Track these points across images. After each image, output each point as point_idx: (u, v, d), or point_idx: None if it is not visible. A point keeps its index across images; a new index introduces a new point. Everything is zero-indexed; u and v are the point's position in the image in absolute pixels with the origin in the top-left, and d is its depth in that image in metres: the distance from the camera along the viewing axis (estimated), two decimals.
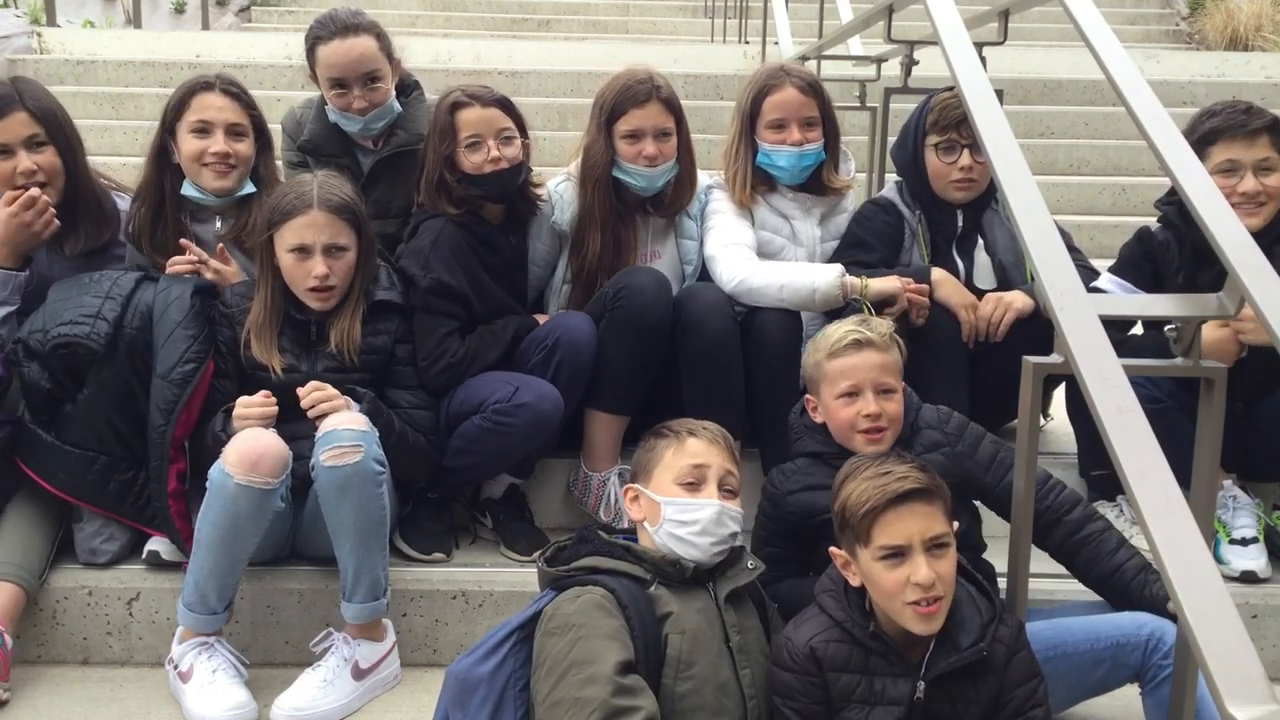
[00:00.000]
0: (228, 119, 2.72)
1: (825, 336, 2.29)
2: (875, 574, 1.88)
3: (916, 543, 1.85)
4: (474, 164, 2.74)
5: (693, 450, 2.10)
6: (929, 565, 1.83)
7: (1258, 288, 1.75)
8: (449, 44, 7.56)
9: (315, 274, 2.51)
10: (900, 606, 1.85)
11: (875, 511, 1.87)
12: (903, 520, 1.86)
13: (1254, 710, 1.19)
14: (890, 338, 2.27)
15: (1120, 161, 6.10)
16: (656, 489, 2.09)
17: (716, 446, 2.12)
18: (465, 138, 2.73)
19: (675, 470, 2.08)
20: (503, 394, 2.58)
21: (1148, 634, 2.02)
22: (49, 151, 2.68)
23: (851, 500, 1.91)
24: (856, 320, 2.31)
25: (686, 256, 2.99)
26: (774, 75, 2.93)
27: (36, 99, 2.67)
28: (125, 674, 2.50)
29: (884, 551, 1.86)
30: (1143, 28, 9.63)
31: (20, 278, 2.64)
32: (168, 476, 2.46)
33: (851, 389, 2.20)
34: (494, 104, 2.77)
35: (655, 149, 2.81)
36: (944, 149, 2.87)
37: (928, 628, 1.85)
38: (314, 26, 2.98)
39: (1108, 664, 2.04)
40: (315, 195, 2.53)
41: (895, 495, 1.86)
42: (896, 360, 2.26)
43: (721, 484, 2.08)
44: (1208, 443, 1.85)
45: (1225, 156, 2.59)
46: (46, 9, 8.00)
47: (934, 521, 1.87)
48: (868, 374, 2.20)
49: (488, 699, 1.95)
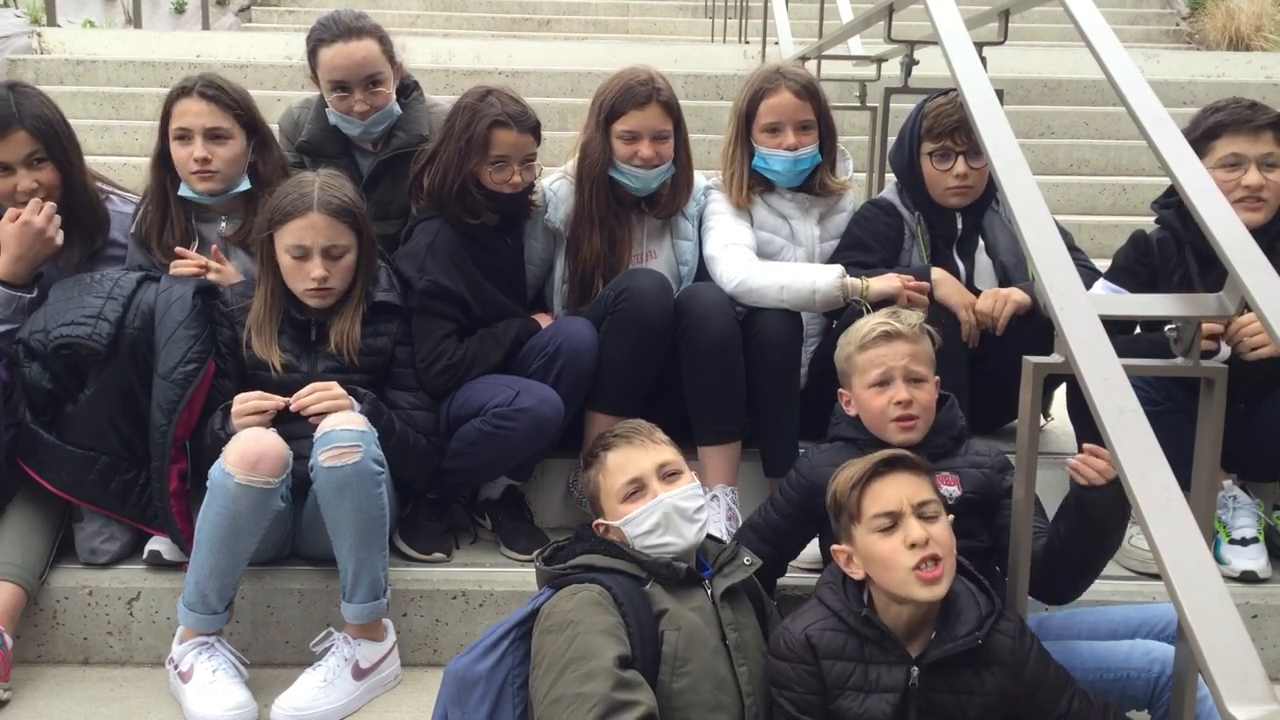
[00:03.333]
0: (204, 124, 2.70)
1: (855, 330, 2.31)
2: (872, 547, 1.92)
3: (906, 508, 1.91)
4: (494, 182, 2.74)
5: (615, 466, 2.13)
6: (922, 526, 1.89)
7: (1258, 287, 1.75)
8: (449, 44, 7.56)
9: (313, 276, 2.51)
10: (903, 575, 1.88)
11: (863, 481, 1.95)
12: (890, 488, 1.93)
13: (1254, 710, 1.19)
14: (920, 328, 2.29)
15: (1120, 161, 6.10)
16: (610, 516, 2.12)
17: (634, 447, 2.14)
18: (494, 156, 2.72)
19: (614, 493, 2.12)
20: (503, 398, 2.58)
21: (1159, 669, 2.02)
22: (48, 168, 2.67)
23: (840, 481, 2.00)
24: (887, 312, 2.33)
25: (682, 257, 2.99)
26: (769, 78, 2.92)
27: (35, 114, 2.64)
28: (125, 674, 2.50)
29: (877, 522, 1.92)
30: (1143, 28, 9.63)
31: (24, 300, 2.62)
32: (169, 476, 2.46)
33: (882, 378, 2.22)
34: (529, 131, 2.75)
35: (652, 151, 2.81)
36: (939, 156, 2.87)
37: (933, 593, 1.87)
38: (316, 29, 2.97)
39: (1115, 694, 2.04)
40: (315, 197, 2.52)
41: (880, 462, 1.96)
42: (927, 350, 2.28)
43: (661, 475, 2.11)
44: (1208, 443, 1.85)
45: (1230, 150, 2.59)
46: (46, 9, 8.00)
47: (921, 488, 1.94)
48: (897, 362, 2.22)
49: (486, 696, 1.96)
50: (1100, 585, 2.57)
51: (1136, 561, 2.67)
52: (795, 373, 2.79)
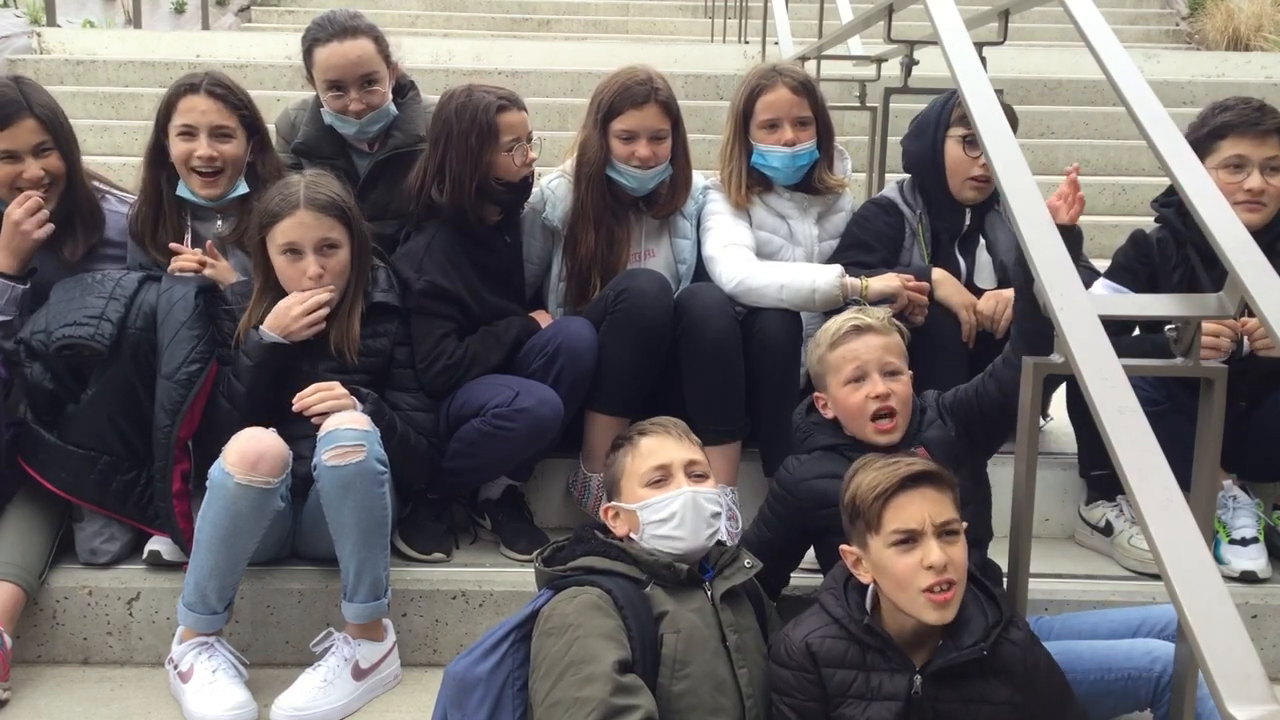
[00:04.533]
0: (212, 121, 2.70)
1: (824, 330, 2.30)
2: (887, 561, 1.88)
3: (928, 526, 1.85)
4: (511, 166, 2.74)
5: (648, 450, 2.11)
6: (941, 549, 1.84)
7: (1258, 287, 1.75)
8: (449, 44, 7.57)
9: (309, 274, 2.51)
10: (914, 595, 1.85)
11: (887, 494, 1.88)
12: (914, 503, 1.87)
13: (1254, 710, 1.19)
14: (889, 322, 2.28)
15: (1120, 161, 6.10)
16: (628, 498, 2.10)
17: (670, 438, 2.14)
18: (507, 141, 2.72)
19: (639, 475, 2.10)
20: (503, 398, 2.58)
21: (1161, 668, 2.01)
22: (53, 157, 2.68)
23: (863, 487, 1.92)
24: (853, 310, 2.33)
25: (681, 256, 2.99)
26: (766, 76, 2.93)
27: (43, 105, 2.67)
28: (125, 674, 2.50)
29: (896, 537, 1.87)
30: (1143, 28, 9.63)
31: (19, 290, 2.63)
32: (172, 477, 2.47)
33: (857, 373, 2.21)
34: (524, 108, 2.78)
35: (649, 151, 2.81)
36: (970, 142, 2.86)
37: (942, 616, 1.85)
38: (311, 28, 2.96)
39: (1118, 694, 2.03)
40: (302, 195, 2.52)
41: (906, 477, 1.88)
42: (899, 343, 2.26)
43: (688, 472, 2.09)
44: (1208, 443, 1.85)
45: (1234, 151, 2.60)
46: (46, 9, 8.00)
47: (944, 507, 1.89)
48: (871, 355, 2.21)
49: (485, 699, 1.96)
50: (1100, 585, 2.59)
51: (1136, 561, 2.67)
52: (795, 373, 2.79)
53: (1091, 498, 2.86)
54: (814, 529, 2.24)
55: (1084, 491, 2.89)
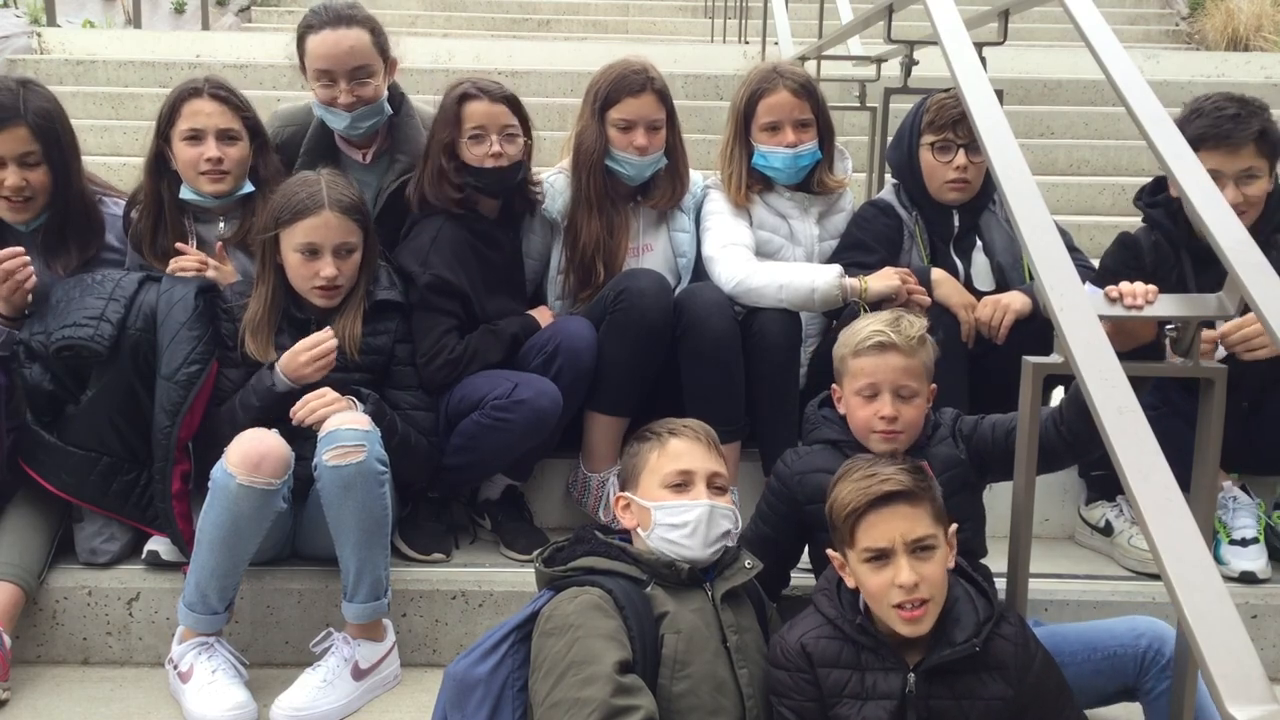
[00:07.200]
0: (218, 124, 2.70)
1: (854, 331, 2.25)
2: (862, 576, 1.90)
3: (899, 545, 1.86)
4: (475, 156, 2.74)
5: (676, 452, 2.10)
6: (912, 568, 1.84)
7: (1258, 287, 1.75)
8: (449, 44, 7.55)
9: (324, 275, 2.51)
10: (886, 609, 1.87)
11: (857, 513, 1.89)
12: (885, 522, 1.87)
13: (1254, 710, 1.19)
14: (919, 340, 2.21)
15: (1120, 161, 6.09)
16: (645, 494, 2.09)
17: (700, 445, 2.12)
18: (469, 129, 2.74)
19: (661, 474, 2.08)
20: (502, 390, 2.58)
21: (1145, 644, 2.02)
22: (40, 170, 2.63)
23: (837, 503, 1.94)
24: (890, 319, 2.24)
25: (680, 249, 2.99)
26: (767, 77, 2.93)
27: (40, 113, 2.61)
28: (125, 674, 2.50)
29: (868, 554, 1.88)
30: (1143, 28, 9.62)
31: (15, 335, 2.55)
32: (172, 477, 2.47)
33: (871, 389, 2.18)
34: (502, 100, 2.77)
35: (646, 140, 2.83)
36: (939, 148, 2.87)
37: (913, 630, 1.86)
38: (306, 16, 2.91)
39: (1105, 674, 2.04)
40: (326, 195, 2.52)
41: (876, 497, 1.88)
42: (922, 363, 2.21)
43: (710, 483, 2.08)
44: (1208, 443, 1.85)
45: (1209, 165, 2.55)
46: (46, 9, 8.00)
47: (917, 523, 1.88)
48: (887, 376, 2.17)
49: (485, 699, 1.95)
50: (1100, 585, 2.60)
51: (1136, 561, 2.67)
52: (795, 373, 2.79)
53: (1091, 498, 2.86)
54: (808, 524, 2.24)
55: (1084, 491, 2.89)
